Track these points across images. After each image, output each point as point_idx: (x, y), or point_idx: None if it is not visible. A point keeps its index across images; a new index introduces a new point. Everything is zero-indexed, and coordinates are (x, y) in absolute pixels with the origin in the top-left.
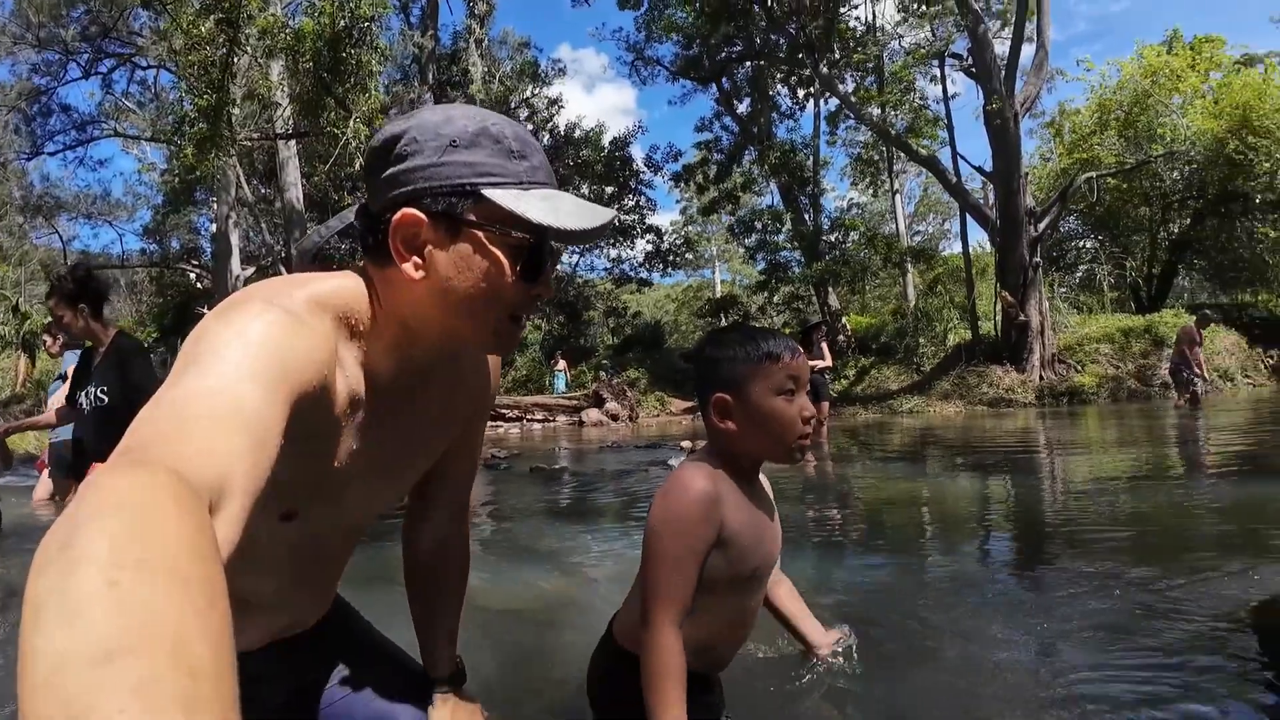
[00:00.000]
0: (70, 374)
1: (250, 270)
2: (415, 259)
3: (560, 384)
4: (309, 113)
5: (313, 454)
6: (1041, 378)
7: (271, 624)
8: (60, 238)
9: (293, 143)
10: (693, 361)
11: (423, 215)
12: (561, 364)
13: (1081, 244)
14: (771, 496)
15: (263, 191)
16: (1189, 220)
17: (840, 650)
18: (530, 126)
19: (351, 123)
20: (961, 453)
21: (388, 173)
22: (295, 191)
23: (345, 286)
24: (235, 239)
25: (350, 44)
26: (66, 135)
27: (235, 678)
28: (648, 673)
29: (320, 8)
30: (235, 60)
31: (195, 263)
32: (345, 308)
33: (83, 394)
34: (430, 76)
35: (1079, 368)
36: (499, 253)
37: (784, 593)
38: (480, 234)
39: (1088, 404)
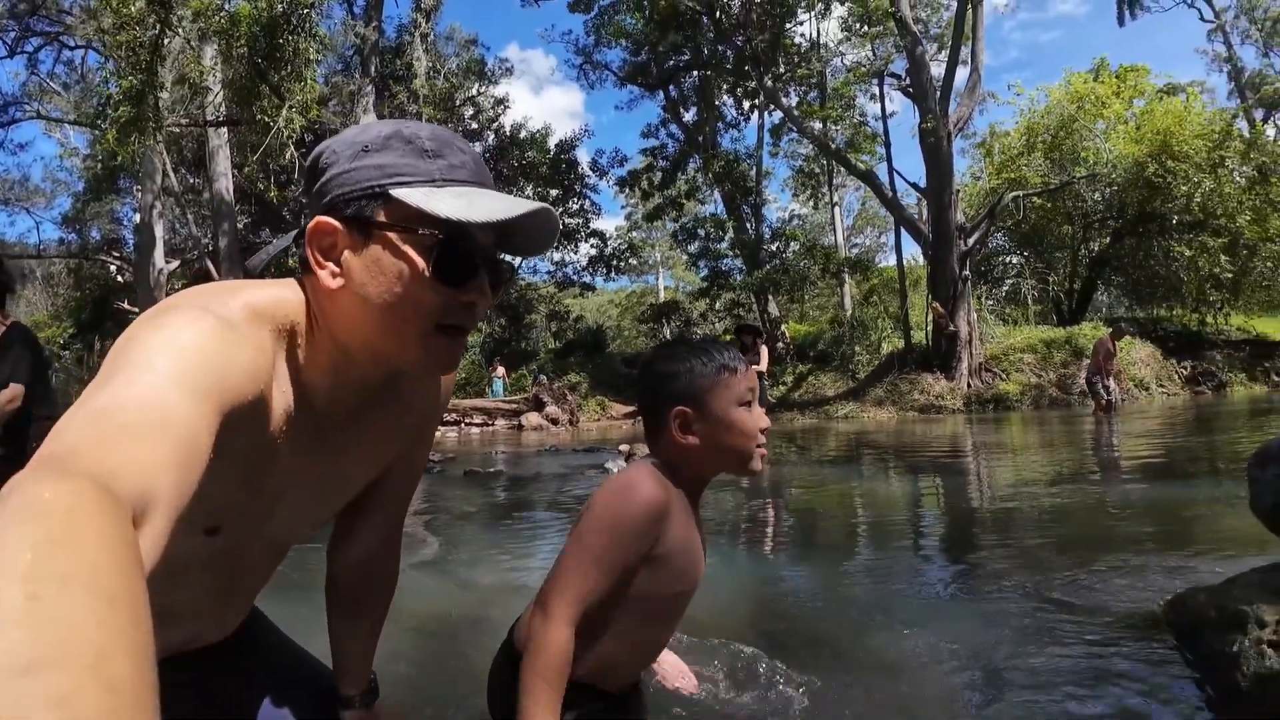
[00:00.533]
0: None
1: (175, 264)
2: (331, 267)
3: (499, 390)
4: (242, 100)
5: (243, 470)
6: (969, 385)
7: (182, 635)
8: None
9: (224, 131)
10: (642, 377)
11: (336, 222)
12: (500, 370)
13: (1008, 259)
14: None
15: (191, 181)
16: (1109, 239)
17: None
18: (475, 125)
19: (285, 111)
20: (894, 456)
21: (313, 189)
22: (225, 182)
23: (285, 298)
24: (160, 230)
25: (288, 30)
26: None
27: (156, 695)
28: (528, 666)
29: None
30: (166, 42)
31: (116, 254)
32: (284, 319)
33: None
34: (372, 69)
35: (1004, 376)
36: (410, 252)
37: None
38: (391, 235)
39: (1012, 410)
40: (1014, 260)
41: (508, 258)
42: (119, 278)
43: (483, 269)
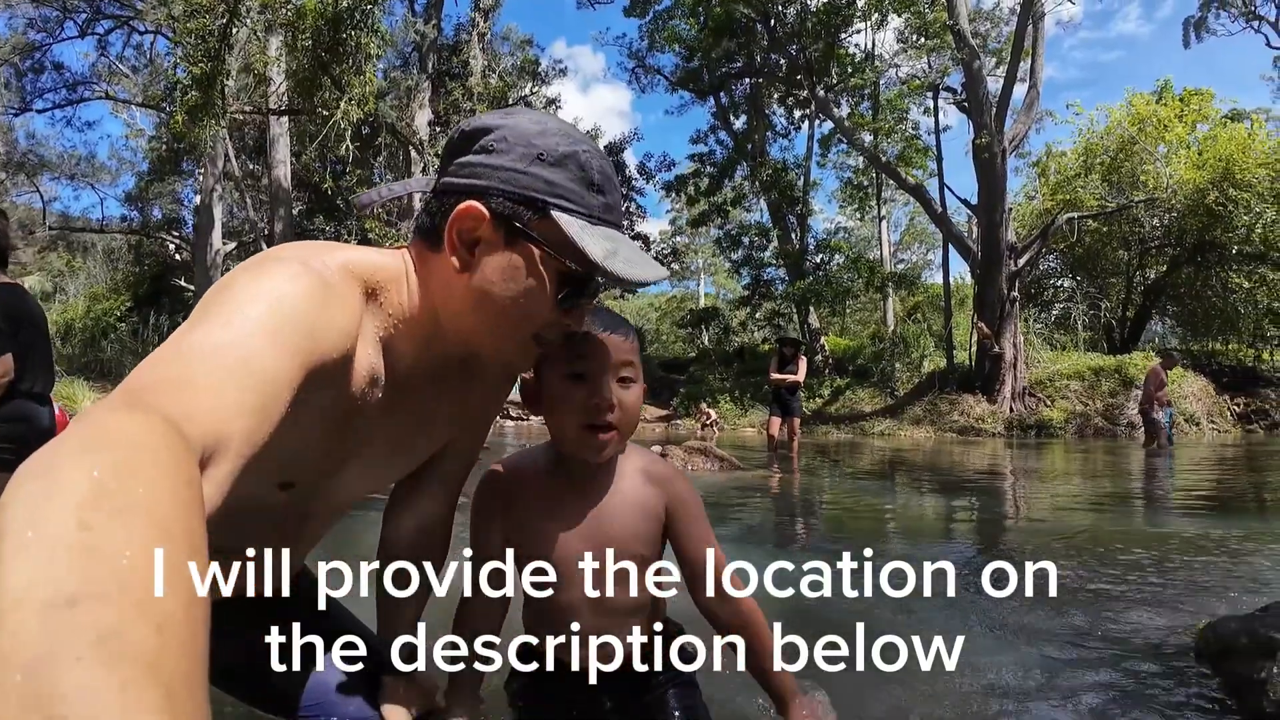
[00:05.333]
0: None
1: (231, 245)
2: (463, 253)
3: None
4: (303, 91)
5: (322, 427)
6: (1011, 409)
7: (239, 580)
8: (41, 197)
9: (284, 120)
10: None
11: (486, 212)
12: None
13: (1059, 282)
14: (638, 509)
15: (250, 167)
16: (1165, 267)
17: None
18: None
19: (344, 104)
20: (929, 476)
21: (466, 159)
22: (283, 169)
23: (382, 264)
24: (219, 213)
25: (351, 25)
26: (57, 94)
27: (206, 636)
28: None
29: None
30: (234, 31)
31: (175, 234)
32: (377, 284)
33: None
34: (430, 66)
35: (1048, 402)
36: (547, 275)
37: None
38: (536, 250)
39: (1054, 438)
40: (1065, 284)
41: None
42: (177, 256)
43: (588, 299)
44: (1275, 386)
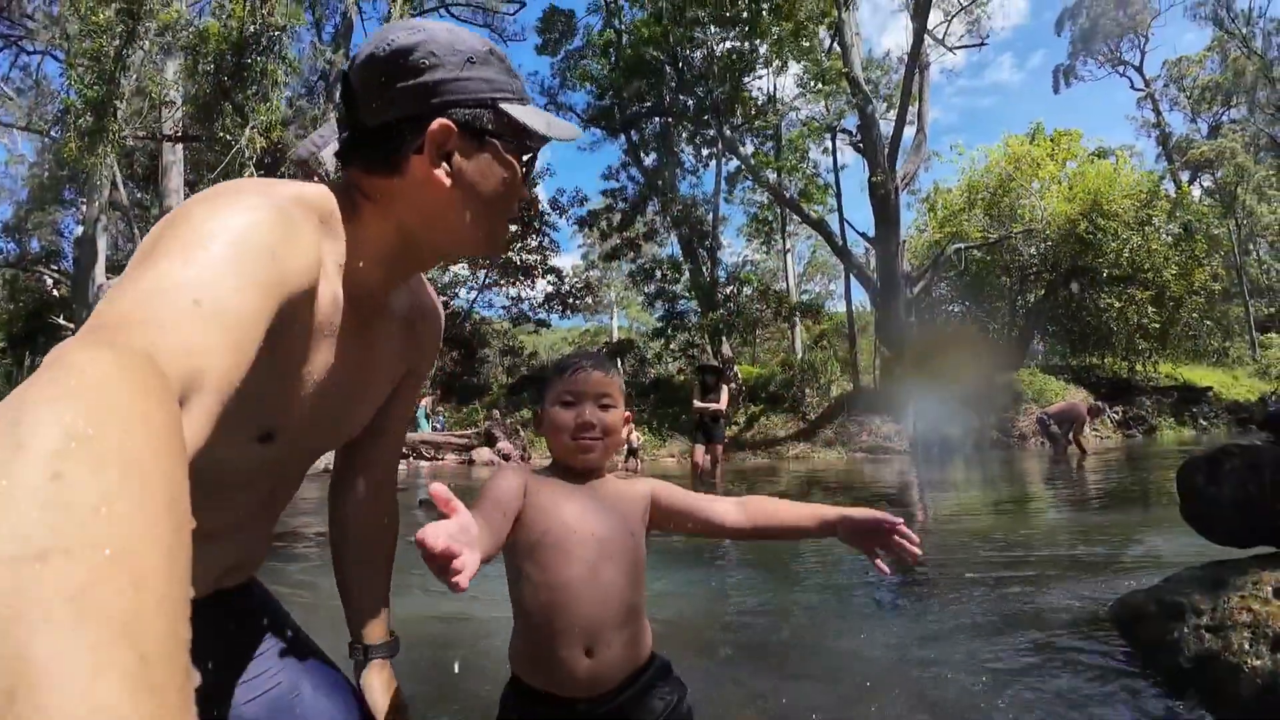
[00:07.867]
0: None
1: (117, 280)
2: (445, 166)
3: (422, 423)
4: (203, 117)
5: (294, 365)
6: (914, 428)
7: (219, 562)
8: None
9: (179, 147)
10: None
11: (453, 125)
12: (425, 401)
13: (950, 308)
14: (628, 498)
15: (139, 196)
16: (1043, 290)
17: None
18: None
19: (246, 131)
20: (844, 491)
21: (405, 84)
22: (177, 199)
23: (326, 192)
24: (103, 245)
25: (257, 51)
26: None
27: (188, 590)
28: None
29: (230, 10)
30: (130, 54)
31: (54, 268)
32: (328, 213)
33: None
34: (337, 95)
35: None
36: (514, 160)
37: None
38: (499, 144)
39: (954, 451)
40: (956, 309)
41: None
42: (55, 292)
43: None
44: (1149, 395)
